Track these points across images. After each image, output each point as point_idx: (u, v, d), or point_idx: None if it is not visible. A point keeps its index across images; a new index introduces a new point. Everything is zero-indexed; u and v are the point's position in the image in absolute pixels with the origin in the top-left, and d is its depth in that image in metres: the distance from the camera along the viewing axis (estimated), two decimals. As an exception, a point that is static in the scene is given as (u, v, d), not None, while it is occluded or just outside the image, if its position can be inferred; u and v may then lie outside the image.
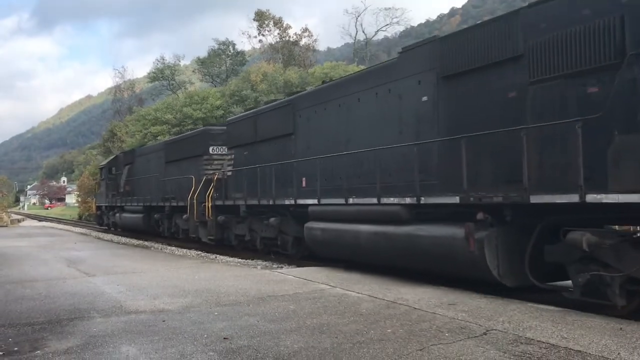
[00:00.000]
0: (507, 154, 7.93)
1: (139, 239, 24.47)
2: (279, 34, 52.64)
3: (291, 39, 51.93)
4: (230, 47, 55.98)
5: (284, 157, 14.00)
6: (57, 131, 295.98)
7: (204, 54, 56.70)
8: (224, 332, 5.94)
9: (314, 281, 9.58)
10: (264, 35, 54.11)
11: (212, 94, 42.94)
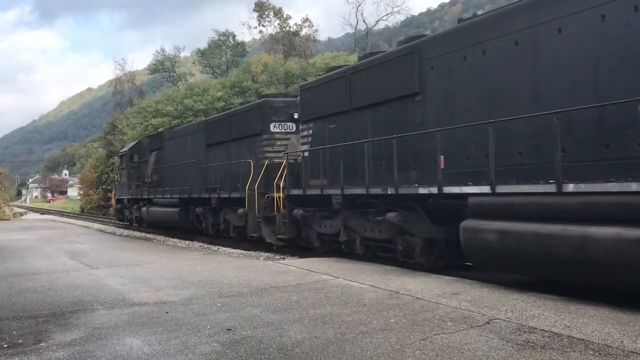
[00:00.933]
0: None
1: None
2: (279, 24, 52.44)
3: (291, 30, 51.71)
4: (230, 38, 55.76)
5: (402, 127, 10.19)
6: (58, 124, 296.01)
7: (205, 45, 56.55)
8: (227, 323, 5.96)
9: (316, 272, 9.59)
10: (264, 25, 53.87)
11: (212, 85, 42.81)
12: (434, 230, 9.48)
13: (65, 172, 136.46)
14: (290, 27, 51.64)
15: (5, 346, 5.36)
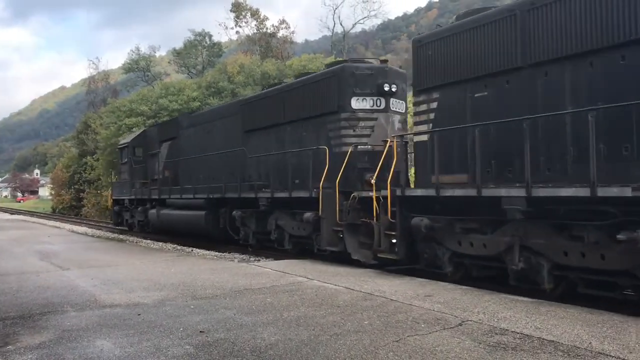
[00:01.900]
0: None
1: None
2: (256, 25, 52.32)
3: (268, 31, 51.64)
4: (206, 38, 55.44)
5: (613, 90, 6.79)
6: (29, 122, 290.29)
7: (181, 45, 56.11)
8: (200, 326, 5.91)
9: (291, 274, 9.57)
10: (240, 26, 53.72)
11: (188, 85, 42.49)
12: None
13: (36, 171, 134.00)
14: (267, 28, 51.58)
15: (-29, 349, 5.23)
